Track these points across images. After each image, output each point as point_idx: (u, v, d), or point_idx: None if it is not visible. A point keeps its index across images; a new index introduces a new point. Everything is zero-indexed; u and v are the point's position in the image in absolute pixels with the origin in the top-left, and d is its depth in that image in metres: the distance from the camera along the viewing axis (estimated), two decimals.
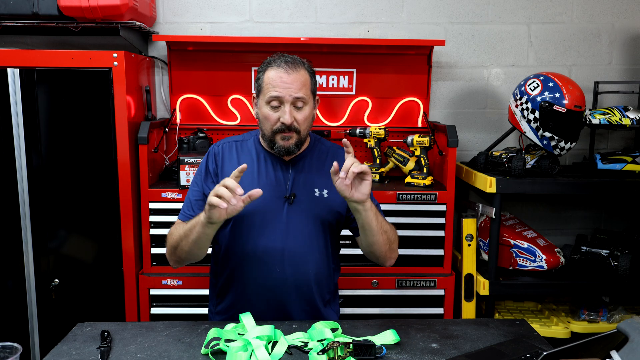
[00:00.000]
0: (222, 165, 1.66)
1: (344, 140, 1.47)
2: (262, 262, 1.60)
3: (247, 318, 1.45)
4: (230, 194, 1.35)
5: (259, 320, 1.48)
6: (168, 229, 2.29)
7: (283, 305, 1.63)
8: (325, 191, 1.64)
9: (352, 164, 1.41)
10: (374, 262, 1.68)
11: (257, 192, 1.39)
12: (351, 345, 1.30)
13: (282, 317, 1.61)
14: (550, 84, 2.20)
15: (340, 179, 1.41)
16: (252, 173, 1.64)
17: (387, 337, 1.41)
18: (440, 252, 2.36)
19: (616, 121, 2.32)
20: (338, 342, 1.31)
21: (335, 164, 1.43)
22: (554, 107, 2.17)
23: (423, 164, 2.42)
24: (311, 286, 1.63)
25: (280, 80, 1.56)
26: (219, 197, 1.35)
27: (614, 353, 1.06)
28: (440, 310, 2.37)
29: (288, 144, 1.59)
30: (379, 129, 2.47)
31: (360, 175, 1.43)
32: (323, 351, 1.31)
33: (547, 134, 2.21)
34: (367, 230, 1.54)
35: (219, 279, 1.72)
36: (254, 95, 1.66)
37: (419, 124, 2.68)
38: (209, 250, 1.73)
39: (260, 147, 1.68)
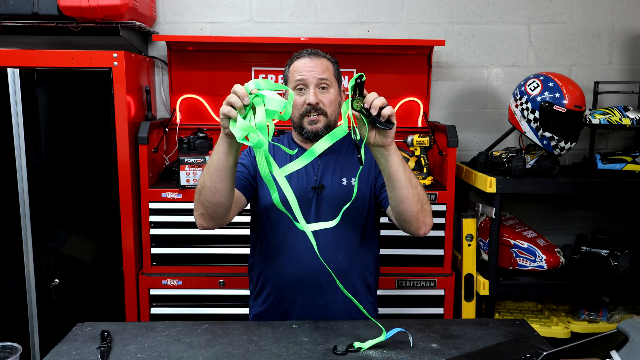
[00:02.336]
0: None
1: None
2: (293, 253, 1.63)
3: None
4: (240, 102, 1.31)
5: (296, 316, 1.56)
6: (168, 229, 2.31)
7: (319, 298, 1.63)
8: (353, 179, 1.65)
9: (374, 98, 1.35)
10: (407, 232, 1.58)
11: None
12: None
13: (318, 308, 1.62)
14: (550, 84, 2.20)
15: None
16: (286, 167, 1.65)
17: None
18: (440, 252, 2.36)
19: (616, 121, 2.32)
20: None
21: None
22: (554, 107, 2.17)
23: (423, 164, 2.42)
24: (344, 275, 1.61)
25: (304, 65, 1.63)
26: (230, 105, 1.32)
27: (614, 353, 1.06)
28: (440, 310, 2.37)
29: (316, 128, 1.63)
30: None
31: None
32: (354, 95, 1.33)
33: (547, 134, 2.21)
34: (395, 182, 1.43)
35: (255, 273, 1.74)
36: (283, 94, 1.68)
37: (419, 124, 2.68)
38: (248, 250, 1.77)
39: (294, 143, 1.73)
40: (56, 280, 2.27)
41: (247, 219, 1.79)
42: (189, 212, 2.29)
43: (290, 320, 1.57)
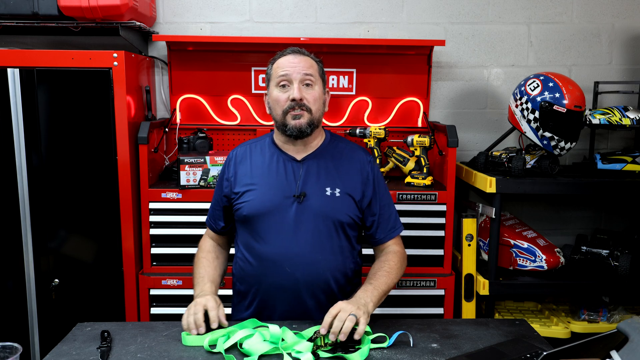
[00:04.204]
0: (235, 169, 1.68)
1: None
2: (273, 263, 1.60)
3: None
4: (193, 327, 1.41)
5: (278, 320, 1.55)
6: (168, 229, 2.31)
7: (298, 306, 1.62)
8: (337, 190, 1.61)
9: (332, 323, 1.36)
10: None
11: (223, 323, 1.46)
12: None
13: (300, 317, 1.60)
14: (550, 84, 2.20)
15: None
16: (264, 173, 1.64)
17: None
18: (440, 252, 2.36)
19: (616, 121, 2.32)
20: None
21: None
22: (554, 107, 2.17)
23: (423, 164, 2.42)
24: (324, 286, 1.61)
25: (288, 62, 1.61)
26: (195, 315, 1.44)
27: (614, 353, 1.06)
28: (440, 310, 2.37)
29: (299, 123, 1.58)
30: (379, 129, 2.47)
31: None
32: (311, 340, 1.34)
33: (547, 134, 2.21)
34: None
35: (237, 280, 1.73)
36: (266, 93, 1.68)
37: (419, 124, 2.68)
38: (232, 250, 1.79)
39: (275, 147, 1.68)
40: (56, 280, 2.27)
41: None
42: (189, 212, 2.29)
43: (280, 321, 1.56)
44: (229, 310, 2.26)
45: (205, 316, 1.44)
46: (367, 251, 1.75)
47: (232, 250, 1.78)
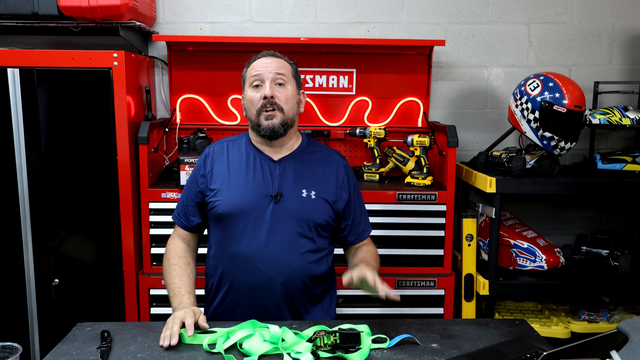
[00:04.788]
0: (212, 166, 1.68)
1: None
2: (247, 261, 1.60)
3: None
4: (167, 339, 1.38)
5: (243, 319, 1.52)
6: (168, 229, 2.30)
7: (270, 304, 1.62)
8: (313, 192, 1.63)
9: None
10: None
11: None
12: (337, 334, 1.31)
13: (267, 318, 1.56)
14: (550, 84, 2.20)
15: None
16: (241, 171, 1.65)
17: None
18: (440, 252, 2.36)
19: (616, 121, 2.32)
20: (324, 331, 1.34)
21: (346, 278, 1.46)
22: (554, 107, 2.17)
23: (423, 164, 2.42)
24: (296, 285, 1.62)
25: (261, 63, 1.64)
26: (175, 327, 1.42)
27: (614, 353, 1.06)
28: (440, 310, 2.37)
29: (272, 123, 1.60)
30: (379, 129, 2.47)
31: None
32: (310, 340, 1.34)
33: (547, 134, 2.21)
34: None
35: (210, 278, 1.72)
36: (242, 97, 1.71)
37: (419, 124, 2.68)
38: (204, 250, 1.77)
39: (251, 146, 1.70)
40: (56, 280, 2.27)
41: None
42: None
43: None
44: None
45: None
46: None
47: (203, 250, 1.77)
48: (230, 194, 1.62)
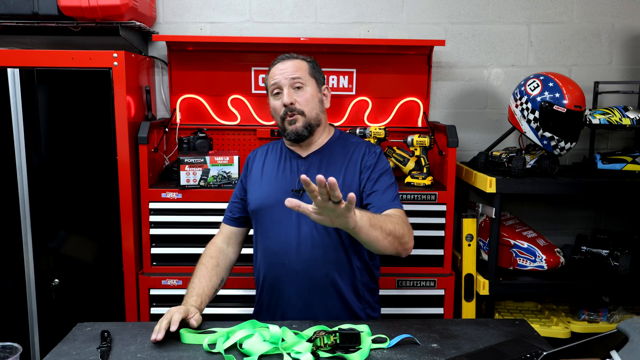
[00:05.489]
0: (252, 165, 1.78)
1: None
2: (275, 256, 1.65)
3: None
4: (159, 328, 1.38)
5: (287, 318, 1.60)
6: (168, 229, 2.30)
7: (302, 301, 1.64)
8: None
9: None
10: None
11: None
12: (337, 333, 1.31)
13: (305, 314, 1.63)
14: (550, 84, 2.20)
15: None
16: (272, 170, 1.72)
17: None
18: (440, 252, 2.36)
19: (616, 121, 2.32)
20: (324, 331, 1.34)
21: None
22: (554, 107, 2.17)
23: (423, 164, 2.42)
24: (327, 282, 1.62)
25: (278, 70, 1.68)
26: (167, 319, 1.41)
27: (614, 353, 1.06)
28: (440, 310, 2.37)
29: (295, 128, 1.65)
30: (379, 129, 2.47)
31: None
32: (310, 340, 1.34)
33: (547, 134, 2.21)
34: (369, 244, 1.45)
35: (255, 275, 1.78)
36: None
37: (419, 124, 2.68)
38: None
39: (286, 147, 1.76)
40: (56, 280, 2.27)
41: None
42: (189, 212, 2.29)
43: (280, 320, 1.57)
44: (244, 310, 2.28)
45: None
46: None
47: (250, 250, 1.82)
48: (260, 191, 1.70)
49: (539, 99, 2.20)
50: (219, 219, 2.33)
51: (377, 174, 1.66)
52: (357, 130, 2.51)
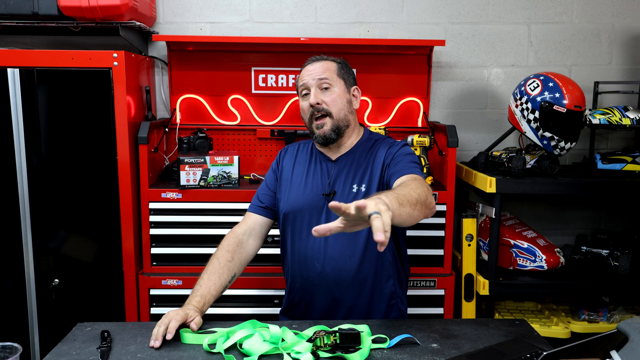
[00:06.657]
0: (283, 163, 1.79)
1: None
2: (306, 259, 1.66)
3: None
4: (156, 335, 1.37)
5: (313, 316, 1.63)
6: (168, 229, 2.30)
7: (333, 303, 1.65)
8: (363, 185, 1.65)
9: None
10: None
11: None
12: (337, 333, 1.31)
13: (334, 315, 1.65)
14: (550, 84, 2.20)
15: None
16: (302, 173, 1.73)
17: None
18: (440, 252, 2.36)
19: (616, 121, 2.32)
20: (324, 331, 1.34)
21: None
22: (554, 107, 2.17)
23: (423, 164, 2.42)
24: (355, 280, 1.63)
25: (307, 72, 1.70)
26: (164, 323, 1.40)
27: (614, 353, 1.06)
28: (440, 310, 2.37)
29: (323, 131, 1.66)
30: (379, 129, 2.47)
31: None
32: (310, 340, 1.34)
33: (547, 134, 2.21)
34: (402, 223, 1.33)
35: (285, 275, 1.78)
36: None
37: (419, 124, 2.68)
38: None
39: (316, 149, 1.76)
40: (56, 280, 2.27)
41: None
42: (188, 212, 2.29)
43: (309, 320, 1.58)
44: (245, 310, 2.28)
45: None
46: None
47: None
48: (290, 195, 1.71)
49: (539, 99, 2.20)
50: (219, 219, 2.34)
51: (400, 156, 1.63)
52: None
